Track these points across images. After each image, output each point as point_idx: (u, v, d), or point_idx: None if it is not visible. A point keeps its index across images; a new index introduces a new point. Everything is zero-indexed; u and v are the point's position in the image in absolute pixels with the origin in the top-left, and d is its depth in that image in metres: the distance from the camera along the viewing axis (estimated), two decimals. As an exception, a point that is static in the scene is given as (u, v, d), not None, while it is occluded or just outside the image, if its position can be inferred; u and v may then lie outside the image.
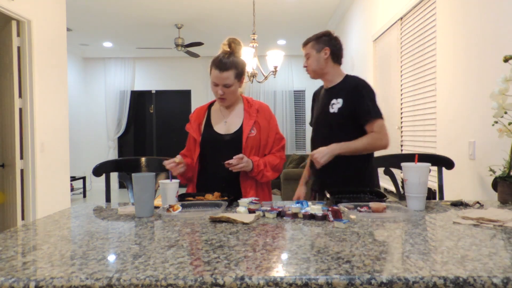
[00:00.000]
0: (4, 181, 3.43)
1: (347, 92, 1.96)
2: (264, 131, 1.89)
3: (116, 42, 7.35)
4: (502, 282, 0.76)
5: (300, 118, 8.31)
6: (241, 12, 5.57)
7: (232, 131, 1.89)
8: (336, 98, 1.97)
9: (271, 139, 1.91)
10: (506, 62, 1.58)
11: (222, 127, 1.91)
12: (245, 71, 1.93)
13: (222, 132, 1.90)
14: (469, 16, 2.18)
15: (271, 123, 1.92)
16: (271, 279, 0.77)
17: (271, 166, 1.86)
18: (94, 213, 1.49)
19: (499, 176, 1.64)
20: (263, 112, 1.92)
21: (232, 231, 1.15)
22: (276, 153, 1.92)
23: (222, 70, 1.81)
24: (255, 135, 1.86)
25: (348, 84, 2.00)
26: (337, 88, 2.01)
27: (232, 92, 1.86)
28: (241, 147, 1.83)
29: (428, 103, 2.77)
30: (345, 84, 2.00)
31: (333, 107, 1.97)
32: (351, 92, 1.95)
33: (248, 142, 1.84)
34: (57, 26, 3.76)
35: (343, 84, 2.01)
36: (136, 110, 8.39)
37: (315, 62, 2.02)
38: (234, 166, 1.73)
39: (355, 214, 1.32)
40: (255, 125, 1.88)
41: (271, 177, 1.87)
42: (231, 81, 1.83)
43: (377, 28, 3.90)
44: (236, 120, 1.91)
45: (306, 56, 2.05)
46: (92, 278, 0.78)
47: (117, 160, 2.16)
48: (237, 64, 1.87)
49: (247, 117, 1.89)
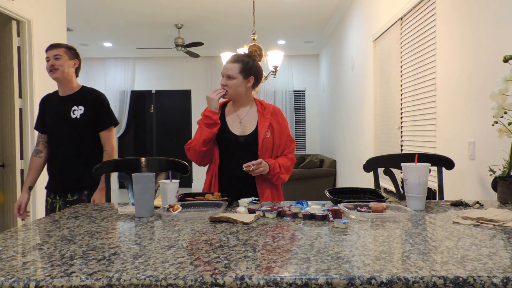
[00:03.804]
0: (4, 181, 3.43)
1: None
2: (278, 134, 1.92)
3: (116, 42, 7.35)
4: (502, 282, 0.76)
5: (300, 118, 8.31)
6: (241, 12, 5.57)
7: (247, 132, 1.91)
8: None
9: (283, 141, 1.95)
10: (506, 62, 1.58)
11: (237, 128, 1.93)
12: (254, 71, 1.94)
13: (237, 133, 1.92)
14: (469, 16, 2.18)
15: (283, 125, 1.96)
16: (271, 279, 0.77)
17: (284, 168, 1.90)
18: (94, 213, 1.49)
19: (499, 176, 1.64)
20: (276, 115, 1.96)
21: (232, 231, 1.15)
22: (288, 155, 1.96)
23: (229, 62, 1.91)
24: (269, 137, 1.89)
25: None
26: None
27: (234, 85, 1.88)
28: (257, 149, 1.87)
29: (428, 103, 2.77)
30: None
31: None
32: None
33: (263, 144, 1.87)
34: (57, 26, 3.76)
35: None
36: (136, 110, 8.39)
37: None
38: (253, 171, 1.77)
39: (355, 214, 1.32)
40: (269, 127, 1.91)
41: (285, 179, 1.91)
42: (234, 73, 1.87)
43: (377, 28, 3.91)
44: (250, 122, 1.93)
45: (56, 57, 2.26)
46: (92, 278, 0.78)
47: (117, 160, 2.16)
48: (245, 60, 1.92)
49: (261, 119, 1.92)
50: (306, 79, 8.31)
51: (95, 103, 2.30)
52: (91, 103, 2.29)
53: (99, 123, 2.31)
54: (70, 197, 2.27)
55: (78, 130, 2.27)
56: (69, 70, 2.28)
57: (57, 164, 2.30)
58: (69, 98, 2.30)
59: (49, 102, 2.37)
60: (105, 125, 2.32)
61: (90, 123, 2.28)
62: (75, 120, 2.26)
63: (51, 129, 2.31)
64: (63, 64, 2.24)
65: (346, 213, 1.36)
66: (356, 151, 4.88)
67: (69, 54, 2.29)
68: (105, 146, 2.33)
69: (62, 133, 2.27)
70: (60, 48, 2.27)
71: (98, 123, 2.30)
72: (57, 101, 2.33)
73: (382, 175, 2.10)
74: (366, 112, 4.38)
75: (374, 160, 2.06)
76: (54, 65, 2.22)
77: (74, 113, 2.26)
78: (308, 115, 8.27)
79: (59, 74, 2.24)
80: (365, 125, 4.43)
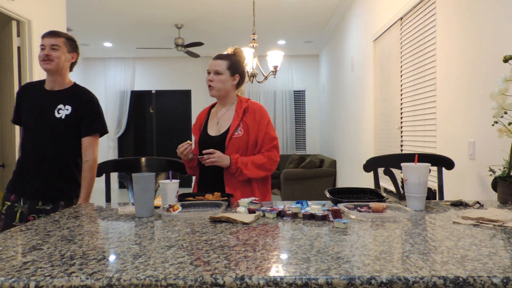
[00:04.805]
0: (4, 181, 3.42)
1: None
2: (253, 132, 1.91)
3: (116, 42, 7.35)
4: (502, 282, 0.76)
5: (300, 118, 8.30)
6: (241, 12, 5.57)
7: (221, 132, 1.94)
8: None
9: (260, 139, 1.92)
10: (506, 62, 1.58)
11: (214, 128, 1.98)
12: (240, 70, 1.99)
13: (214, 133, 1.96)
14: (469, 16, 2.18)
15: (261, 123, 1.93)
16: (271, 279, 0.77)
17: (254, 164, 1.86)
18: (94, 213, 1.49)
19: (499, 176, 1.64)
20: (252, 112, 1.94)
21: (232, 231, 1.15)
22: (265, 152, 1.92)
23: (216, 59, 1.94)
24: (241, 135, 1.89)
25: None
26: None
27: (222, 81, 1.92)
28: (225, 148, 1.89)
29: (428, 103, 2.77)
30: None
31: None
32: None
33: (231, 142, 1.88)
34: (57, 26, 3.76)
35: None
36: (136, 110, 8.38)
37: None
38: (205, 160, 1.80)
39: (355, 214, 1.32)
40: (242, 126, 1.91)
41: (251, 175, 1.87)
42: (221, 69, 1.92)
43: (377, 28, 3.91)
44: (226, 121, 1.97)
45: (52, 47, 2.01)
46: (92, 278, 0.78)
47: (117, 160, 2.16)
48: (232, 58, 1.97)
49: (235, 118, 1.93)
50: (306, 79, 8.31)
51: (87, 105, 2.05)
52: (83, 104, 2.04)
53: (85, 127, 2.04)
54: (41, 205, 1.99)
55: (60, 132, 2.00)
56: (65, 64, 2.03)
57: (31, 165, 2.02)
58: (57, 94, 2.04)
59: (31, 93, 2.08)
60: (92, 130, 2.05)
61: (75, 126, 2.02)
62: (59, 120, 1.99)
63: (28, 125, 2.03)
64: (59, 56, 1.99)
65: (346, 213, 1.36)
66: (356, 151, 4.88)
67: (68, 46, 2.04)
68: (87, 155, 2.03)
69: (41, 132, 2.00)
70: (59, 37, 2.01)
71: (84, 127, 2.03)
72: (42, 94, 2.05)
73: (382, 175, 2.10)
74: (366, 112, 4.38)
75: (374, 160, 2.06)
76: (50, 55, 1.97)
77: (59, 112, 2.00)
78: (308, 115, 8.26)
79: (53, 66, 1.98)
80: (365, 125, 4.43)
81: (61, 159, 2.02)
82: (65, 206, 2.03)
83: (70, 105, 2.01)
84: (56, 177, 2.01)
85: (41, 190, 2.00)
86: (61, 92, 2.05)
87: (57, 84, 2.05)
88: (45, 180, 2.00)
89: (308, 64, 8.29)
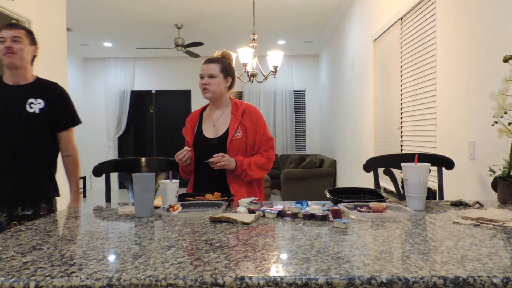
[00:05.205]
0: None
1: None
2: (251, 133, 1.96)
3: (116, 42, 7.34)
4: (502, 282, 0.76)
5: (300, 118, 8.31)
6: (241, 12, 5.57)
7: (219, 134, 1.97)
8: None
9: (258, 140, 1.98)
10: (506, 62, 1.58)
11: (211, 131, 2.00)
12: (232, 72, 2.04)
13: (211, 136, 1.98)
14: (469, 16, 2.18)
15: (258, 124, 1.99)
16: (271, 279, 0.77)
17: (256, 165, 1.93)
18: (94, 213, 1.49)
19: (499, 176, 1.64)
20: (249, 114, 1.99)
21: (232, 231, 1.15)
22: (264, 152, 1.99)
23: (208, 63, 1.98)
24: (240, 137, 1.94)
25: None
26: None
27: (216, 84, 1.96)
28: (226, 150, 1.91)
29: (428, 103, 2.77)
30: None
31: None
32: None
33: (232, 144, 1.92)
34: (57, 26, 3.76)
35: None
36: (136, 110, 8.39)
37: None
38: (215, 164, 1.83)
39: (355, 214, 1.32)
40: (241, 128, 1.95)
41: (255, 175, 1.94)
42: (215, 72, 1.95)
43: (377, 28, 3.91)
44: (223, 123, 2.00)
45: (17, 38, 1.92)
46: (92, 278, 0.78)
47: (117, 160, 2.16)
48: (224, 61, 2.02)
49: (233, 120, 1.97)
50: (306, 79, 8.31)
51: (59, 98, 1.99)
52: (54, 97, 1.98)
53: (60, 121, 1.99)
54: (20, 211, 1.89)
55: (35, 128, 1.91)
56: (28, 57, 1.95)
57: (1, 164, 1.89)
58: (24, 89, 1.94)
59: None
60: (67, 123, 2.02)
61: (50, 120, 1.96)
62: (33, 115, 1.91)
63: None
64: (22, 49, 1.90)
65: (346, 213, 1.36)
66: (356, 151, 4.88)
67: (29, 38, 1.96)
68: (68, 150, 2.01)
69: (11, 130, 1.89)
70: (20, 29, 1.93)
71: (59, 122, 1.99)
72: (4, 89, 1.94)
73: (382, 175, 2.10)
74: (366, 112, 4.38)
75: (374, 160, 2.06)
76: (13, 48, 1.86)
77: (32, 107, 1.91)
78: (308, 115, 8.26)
79: (18, 60, 1.89)
80: (365, 125, 4.43)
81: (38, 154, 1.95)
82: (46, 208, 1.96)
83: (42, 99, 1.95)
84: (33, 174, 1.93)
85: (17, 191, 1.90)
86: (28, 86, 1.96)
87: (22, 78, 1.96)
88: (20, 178, 1.90)
89: (308, 64, 8.29)
